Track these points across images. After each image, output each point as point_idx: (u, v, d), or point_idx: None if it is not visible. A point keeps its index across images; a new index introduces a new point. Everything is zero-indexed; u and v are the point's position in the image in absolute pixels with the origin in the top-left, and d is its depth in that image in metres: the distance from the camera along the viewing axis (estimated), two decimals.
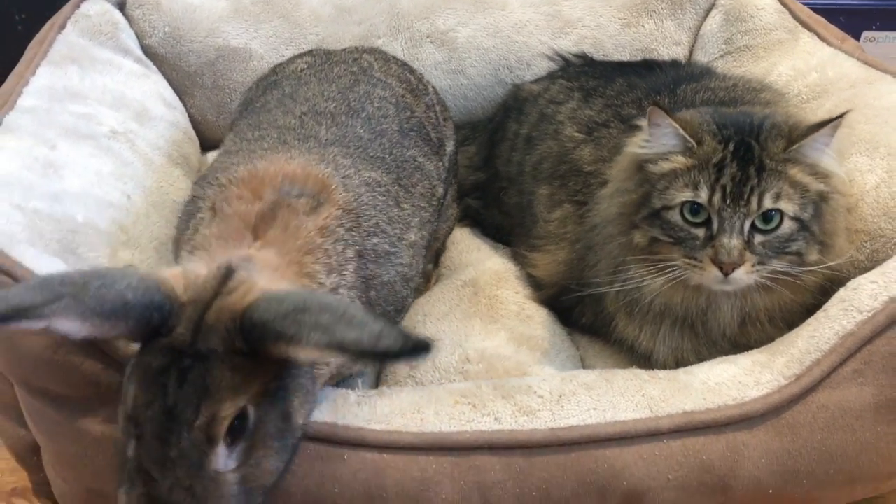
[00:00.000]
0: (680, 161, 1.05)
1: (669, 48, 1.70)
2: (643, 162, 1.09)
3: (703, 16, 1.70)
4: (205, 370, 0.75)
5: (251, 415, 0.77)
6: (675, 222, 1.05)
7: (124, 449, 0.78)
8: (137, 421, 0.76)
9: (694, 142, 1.05)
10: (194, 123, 1.65)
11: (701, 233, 1.03)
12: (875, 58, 1.40)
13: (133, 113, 1.39)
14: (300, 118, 1.13)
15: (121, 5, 1.61)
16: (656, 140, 1.07)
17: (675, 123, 1.04)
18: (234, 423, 0.76)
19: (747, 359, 1.03)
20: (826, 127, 1.01)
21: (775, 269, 1.03)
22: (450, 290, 1.35)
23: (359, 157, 1.09)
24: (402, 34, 1.66)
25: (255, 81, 1.44)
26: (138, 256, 1.12)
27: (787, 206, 1.02)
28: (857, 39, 1.65)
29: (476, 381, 1.05)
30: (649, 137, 1.08)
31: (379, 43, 1.65)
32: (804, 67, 1.45)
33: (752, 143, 1.03)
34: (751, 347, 1.07)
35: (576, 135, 1.34)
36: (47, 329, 0.72)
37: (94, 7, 1.52)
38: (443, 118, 1.42)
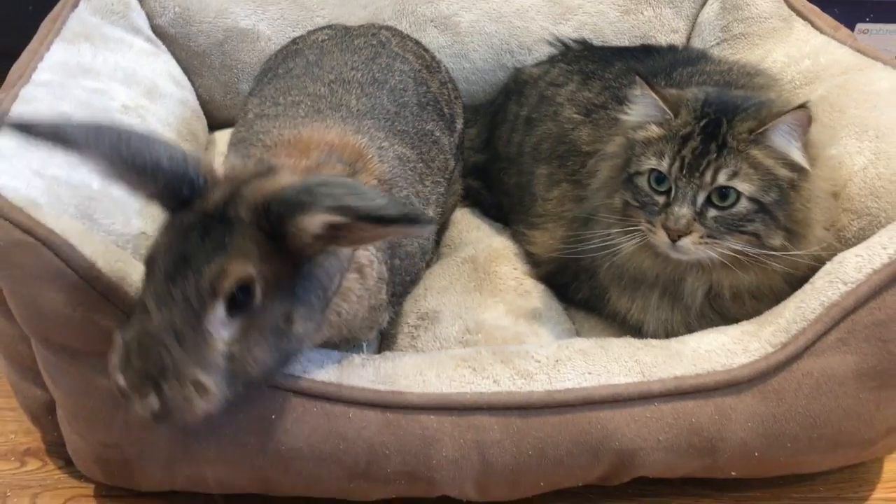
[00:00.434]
0: (654, 131, 1.10)
1: (667, 35, 1.73)
2: (627, 128, 1.15)
3: (701, 4, 1.73)
4: (227, 231, 0.81)
5: (257, 294, 0.81)
6: (641, 187, 1.10)
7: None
8: (153, 259, 0.81)
9: (672, 114, 1.09)
10: (202, 103, 1.68)
11: (661, 200, 1.08)
12: (867, 45, 1.44)
13: (144, 90, 1.42)
14: (329, 86, 1.18)
15: None
16: (639, 109, 1.13)
17: (655, 94, 1.09)
18: (237, 295, 0.80)
19: (737, 329, 1.07)
20: (787, 115, 1.02)
21: (731, 247, 1.05)
22: (450, 266, 1.38)
23: (390, 130, 1.15)
24: (406, 18, 1.69)
25: (272, 54, 1.48)
26: (150, 225, 1.15)
27: (744, 186, 1.04)
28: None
29: (476, 348, 1.09)
30: (634, 105, 1.14)
31: None
32: (797, 54, 1.48)
33: (723, 120, 1.06)
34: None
35: (574, 116, 1.37)
36: (80, 159, 0.78)
37: None
38: (454, 96, 1.46)
